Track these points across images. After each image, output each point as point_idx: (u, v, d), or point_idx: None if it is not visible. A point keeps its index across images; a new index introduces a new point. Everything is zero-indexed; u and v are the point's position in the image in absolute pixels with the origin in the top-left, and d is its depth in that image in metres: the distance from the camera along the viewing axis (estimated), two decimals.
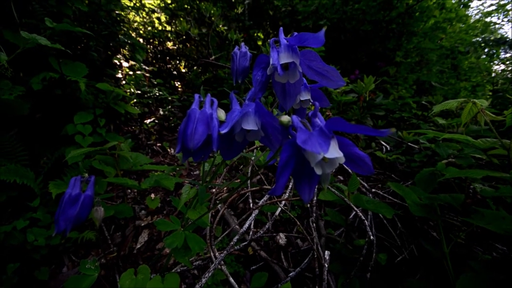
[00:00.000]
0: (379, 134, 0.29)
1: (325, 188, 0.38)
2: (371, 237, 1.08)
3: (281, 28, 0.46)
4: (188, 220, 0.67)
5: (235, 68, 0.60)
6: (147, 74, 3.23)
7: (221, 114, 0.47)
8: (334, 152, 0.31)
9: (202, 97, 0.49)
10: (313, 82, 0.60)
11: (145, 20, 4.36)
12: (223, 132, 0.40)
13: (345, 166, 2.00)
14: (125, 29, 2.66)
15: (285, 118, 0.39)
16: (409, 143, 1.91)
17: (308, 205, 1.44)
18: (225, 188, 1.64)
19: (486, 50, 4.79)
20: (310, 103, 0.58)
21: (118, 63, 2.63)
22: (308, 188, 0.37)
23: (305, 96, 0.58)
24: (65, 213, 0.54)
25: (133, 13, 3.95)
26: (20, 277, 1.15)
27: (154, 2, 4.38)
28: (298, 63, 0.43)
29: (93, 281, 0.70)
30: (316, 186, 1.37)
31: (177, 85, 4.11)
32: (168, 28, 4.40)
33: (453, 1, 3.90)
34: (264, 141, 0.47)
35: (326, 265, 1.01)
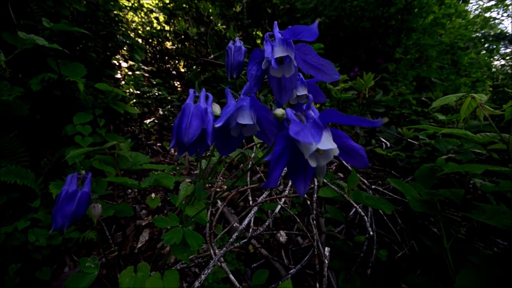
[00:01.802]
0: (372, 124, 0.29)
1: (321, 182, 0.38)
2: (371, 234, 1.08)
3: (276, 22, 0.46)
4: (187, 217, 0.67)
5: (229, 63, 0.60)
6: (146, 74, 3.24)
7: (216, 109, 0.47)
8: (327, 143, 0.31)
9: (197, 93, 0.49)
10: (309, 77, 0.59)
11: (143, 20, 4.36)
12: (217, 126, 0.40)
13: (345, 163, 1.98)
14: (123, 29, 2.66)
15: (279, 111, 0.39)
16: (409, 139, 1.90)
17: (309, 202, 1.44)
18: (225, 187, 1.64)
19: (486, 45, 4.77)
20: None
21: (117, 64, 2.64)
22: (303, 181, 0.37)
23: (302, 91, 0.58)
24: (62, 210, 0.54)
25: (132, 13, 3.95)
26: (21, 277, 1.16)
27: (152, 2, 4.37)
28: (293, 57, 0.43)
29: (93, 279, 0.70)
30: (315, 182, 1.36)
31: (176, 84, 4.11)
32: (167, 27, 4.40)
33: None
34: (260, 135, 0.47)
35: (327, 262, 1.01)
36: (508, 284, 0.77)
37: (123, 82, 2.59)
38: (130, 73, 2.72)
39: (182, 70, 4.52)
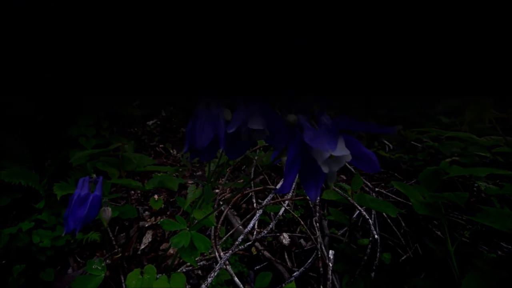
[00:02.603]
0: (387, 131, 0.29)
1: (331, 187, 0.39)
2: (375, 236, 1.08)
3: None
4: (194, 220, 0.68)
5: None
6: None
7: (227, 114, 0.47)
8: (341, 149, 0.31)
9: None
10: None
11: None
12: (230, 131, 0.40)
13: (348, 165, 1.98)
14: None
15: (291, 117, 0.39)
16: (412, 142, 1.91)
17: (312, 205, 1.44)
18: (227, 189, 1.65)
19: None
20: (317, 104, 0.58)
21: None
22: (315, 186, 0.38)
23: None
24: (74, 213, 0.55)
25: None
26: (26, 278, 1.16)
27: None
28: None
29: (100, 281, 0.71)
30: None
31: None
32: None
33: None
34: (269, 140, 0.48)
35: (331, 265, 1.01)
36: None
37: None
38: None
39: None
